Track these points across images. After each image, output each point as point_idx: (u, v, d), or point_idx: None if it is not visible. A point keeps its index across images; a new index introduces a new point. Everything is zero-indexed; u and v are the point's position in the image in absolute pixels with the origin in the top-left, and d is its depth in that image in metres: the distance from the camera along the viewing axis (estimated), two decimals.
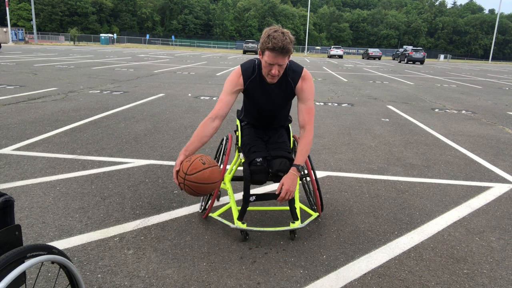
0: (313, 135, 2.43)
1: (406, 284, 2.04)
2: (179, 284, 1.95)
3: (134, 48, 46.99)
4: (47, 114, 5.88)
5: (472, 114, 7.77)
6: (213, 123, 2.34)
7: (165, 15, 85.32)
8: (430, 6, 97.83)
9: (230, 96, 2.38)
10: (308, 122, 2.39)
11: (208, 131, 2.34)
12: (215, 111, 2.36)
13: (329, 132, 5.59)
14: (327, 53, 52.38)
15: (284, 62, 2.22)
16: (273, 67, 2.20)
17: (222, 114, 2.36)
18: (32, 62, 15.94)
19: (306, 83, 2.39)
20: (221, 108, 2.35)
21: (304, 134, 2.39)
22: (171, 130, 5.23)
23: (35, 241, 2.30)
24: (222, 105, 2.36)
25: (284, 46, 2.12)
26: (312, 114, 2.41)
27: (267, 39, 2.14)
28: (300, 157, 2.35)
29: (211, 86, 10.68)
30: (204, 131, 2.33)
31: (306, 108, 2.39)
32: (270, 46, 2.12)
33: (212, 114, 2.36)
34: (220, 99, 2.39)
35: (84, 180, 3.28)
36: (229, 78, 2.40)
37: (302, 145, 2.37)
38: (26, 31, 55.06)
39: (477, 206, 3.10)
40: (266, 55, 2.18)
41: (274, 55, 2.15)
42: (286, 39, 2.13)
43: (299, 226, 2.40)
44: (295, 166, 2.32)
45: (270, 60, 2.18)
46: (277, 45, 2.11)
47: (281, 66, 2.22)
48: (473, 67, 36.39)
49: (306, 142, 2.37)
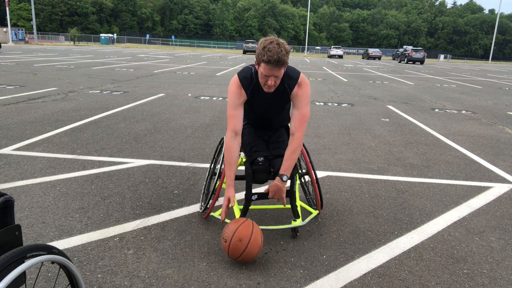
0: (301, 142, 2.41)
1: (406, 284, 2.04)
2: (179, 284, 1.96)
3: (134, 48, 46.99)
4: (47, 114, 5.88)
5: (472, 114, 7.77)
6: (236, 141, 2.36)
7: (165, 15, 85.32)
8: (430, 6, 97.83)
9: (239, 109, 2.38)
10: (299, 129, 2.37)
11: (235, 151, 2.37)
12: (232, 127, 2.35)
13: (329, 132, 5.59)
14: (327, 53, 52.39)
15: (280, 73, 2.21)
16: (269, 78, 2.21)
17: (238, 128, 2.37)
18: (32, 62, 15.94)
19: (302, 89, 2.37)
20: (236, 124, 2.36)
21: (293, 142, 2.37)
22: (171, 130, 5.23)
23: (35, 241, 2.30)
24: (235, 120, 2.36)
25: (279, 59, 2.11)
26: (305, 121, 2.39)
27: (262, 51, 2.14)
28: (285, 166, 2.35)
29: (211, 86, 10.68)
30: (232, 152, 2.36)
31: (299, 114, 2.37)
32: (265, 59, 2.12)
33: (230, 132, 2.36)
34: (230, 115, 2.37)
35: (84, 180, 3.28)
36: (231, 91, 2.38)
37: (288, 154, 2.35)
38: (26, 31, 55.06)
39: (477, 206, 3.10)
40: (262, 67, 2.19)
41: (269, 67, 2.15)
42: (282, 51, 2.12)
43: (301, 224, 2.41)
44: (279, 176, 2.34)
45: (266, 72, 2.18)
46: (272, 58, 2.11)
47: (277, 77, 2.22)
48: (473, 67, 36.39)
49: (292, 151, 2.35)
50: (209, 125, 5.67)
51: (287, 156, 2.35)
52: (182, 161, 3.91)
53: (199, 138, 4.85)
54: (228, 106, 2.39)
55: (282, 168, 2.35)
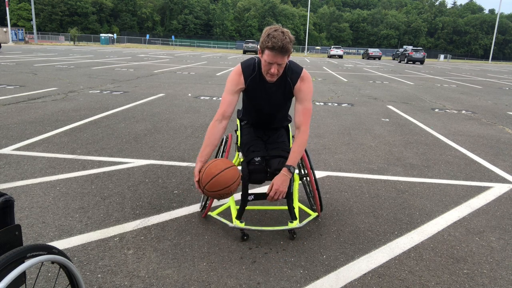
0: (308, 136, 2.42)
1: (406, 284, 2.04)
2: (179, 284, 1.96)
3: (134, 48, 46.99)
4: (47, 114, 5.88)
5: (472, 114, 7.77)
6: (220, 124, 2.37)
7: (165, 15, 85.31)
8: (430, 6, 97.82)
9: (233, 96, 2.39)
10: (303, 123, 2.38)
11: (217, 133, 2.36)
12: (220, 112, 2.37)
13: (329, 132, 5.59)
14: (327, 53, 52.38)
15: (284, 61, 2.22)
16: (272, 66, 2.21)
17: (227, 114, 2.38)
18: (32, 62, 15.94)
19: (305, 84, 2.38)
20: (226, 109, 2.37)
21: (299, 135, 2.38)
22: (171, 130, 5.23)
23: (35, 241, 2.29)
24: (226, 105, 2.37)
25: (283, 46, 2.13)
26: (309, 115, 2.40)
27: (267, 38, 2.15)
28: (292, 157, 2.35)
29: (211, 86, 10.68)
30: (214, 134, 2.35)
31: (303, 108, 2.38)
32: (270, 45, 2.13)
33: (218, 115, 2.37)
34: (223, 99, 2.40)
35: (84, 180, 3.28)
36: (230, 77, 2.40)
37: (295, 146, 2.36)
38: (26, 31, 55.06)
39: (477, 206, 3.10)
40: (265, 54, 2.20)
41: (273, 54, 2.16)
42: (286, 38, 2.14)
43: (297, 226, 2.40)
44: (287, 166, 2.32)
45: (269, 59, 2.19)
46: (276, 44, 2.12)
47: (280, 65, 2.23)
48: (473, 67, 36.39)
49: (299, 143, 2.36)
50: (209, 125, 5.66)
51: (295, 149, 2.35)
52: (182, 161, 3.91)
53: (199, 138, 4.85)
54: (224, 91, 2.42)
55: (289, 160, 2.34)
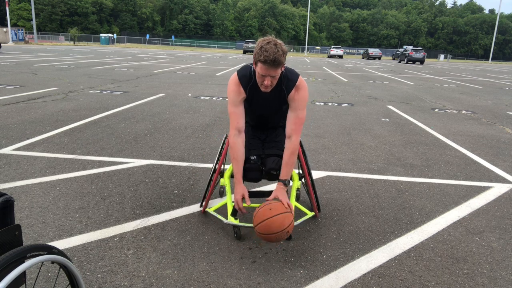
0: (298, 145, 2.42)
1: (406, 284, 2.04)
2: (179, 284, 1.96)
3: (134, 48, 46.98)
4: (47, 114, 5.88)
5: (472, 114, 7.77)
6: (239, 138, 2.40)
7: (165, 15, 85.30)
8: (430, 6, 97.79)
9: (240, 107, 2.41)
10: (294, 132, 2.38)
11: (241, 148, 2.40)
12: (234, 126, 2.39)
13: (329, 132, 5.59)
14: (327, 53, 52.39)
15: (277, 73, 2.23)
16: (266, 78, 2.23)
17: (241, 126, 2.40)
18: (32, 62, 15.94)
19: (299, 93, 2.37)
20: (238, 121, 2.39)
21: (289, 145, 2.38)
22: (171, 130, 5.23)
23: (35, 241, 2.29)
24: (237, 118, 2.39)
25: (275, 59, 2.13)
26: (300, 124, 2.40)
27: (259, 51, 2.16)
28: (284, 171, 2.37)
29: (211, 86, 10.68)
30: (238, 149, 2.39)
31: (295, 117, 2.38)
32: (262, 59, 2.14)
33: (233, 130, 2.39)
34: (231, 112, 2.40)
35: (84, 180, 3.28)
36: (231, 89, 2.40)
37: (286, 158, 2.37)
38: (26, 31, 55.06)
39: (477, 206, 3.10)
40: (258, 66, 2.21)
41: (266, 67, 2.17)
42: (278, 51, 2.14)
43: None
44: (281, 181, 2.36)
45: (262, 72, 2.20)
46: (268, 58, 2.12)
47: (274, 77, 2.24)
48: (473, 67, 36.38)
49: (290, 154, 2.37)
50: (209, 125, 5.67)
51: (286, 161, 2.37)
52: (182, 161, 3.92)
53: (199, 138, 4.86)
54: (229, 104, 2.41)
55: (282, 174, 2.37)
